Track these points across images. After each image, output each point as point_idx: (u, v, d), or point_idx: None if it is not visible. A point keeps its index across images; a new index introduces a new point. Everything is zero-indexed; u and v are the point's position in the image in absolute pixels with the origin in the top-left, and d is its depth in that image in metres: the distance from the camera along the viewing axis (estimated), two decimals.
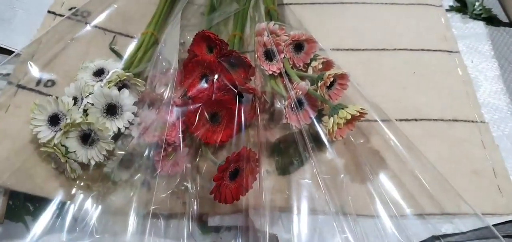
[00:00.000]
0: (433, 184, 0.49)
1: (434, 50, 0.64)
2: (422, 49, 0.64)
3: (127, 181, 0.51)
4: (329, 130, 0.49)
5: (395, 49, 0.64)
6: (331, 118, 0.49)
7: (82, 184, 0.51)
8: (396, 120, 0.56)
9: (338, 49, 0.65)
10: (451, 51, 0.64)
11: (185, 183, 0.51)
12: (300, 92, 0.51)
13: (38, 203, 0.51)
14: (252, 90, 0.52)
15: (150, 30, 0.64)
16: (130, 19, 0.68)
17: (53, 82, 0.58)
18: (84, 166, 0.51)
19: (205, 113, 0.51)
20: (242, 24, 0.65)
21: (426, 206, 0.48)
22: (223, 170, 0.45)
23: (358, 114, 0.49)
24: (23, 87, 0.57)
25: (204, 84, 0.53)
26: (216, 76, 0.52)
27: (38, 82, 0.58)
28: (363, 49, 0.65)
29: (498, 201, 0.49)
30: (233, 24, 0.66)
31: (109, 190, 0.51)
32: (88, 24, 0.66)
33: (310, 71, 0.56)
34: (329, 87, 0.53)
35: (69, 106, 0.50)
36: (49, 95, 0.56)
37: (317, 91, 0.52)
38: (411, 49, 0.64)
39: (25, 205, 0.51)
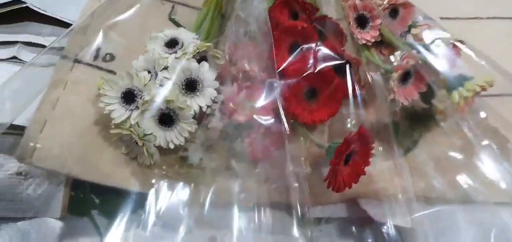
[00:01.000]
0: None
1: None
2: None
3: (212, 169, 0.44)
4: (458, 102, 0.42)
5: (488, 18, 0.57)
6: (455, 92, 0.42)
7: (159, 171, 0.44)
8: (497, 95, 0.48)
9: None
10: None
11: (277, 170, 0.44)
12: (412, 62, 0.44)
13: (105, 194, 0.44)
14: (356, 61, 0.45)
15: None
16: None
17: (112, 56, 0.51)
18: (161, 151, 0.44)
19: (302, 89, 0.44)
20: None
21: None
22: (341, 153, 0.38)
23: (488, 87, 0.42)
24: (79, 62, 0.49)
25: (295, 55, 0.46)
26: (313, 45, 0.45)
27: (96, 56, 0.50)
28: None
29: None
30: None
31: (191, 177, 0.44)
32: None
33: (409, 39, 0.49)
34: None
35: (146, 81, 0.42)
36: (110, 70, 0.49)
37: None
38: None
39: (90, 197, 0.44)
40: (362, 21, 0.50)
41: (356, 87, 0.44)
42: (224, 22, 0.56)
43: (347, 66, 0.43)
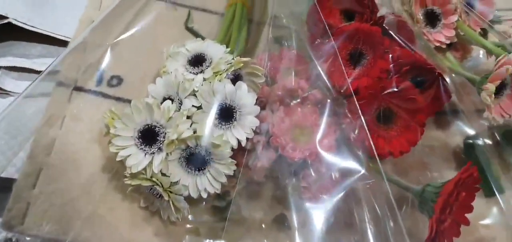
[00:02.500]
0: None
1: None
2: None
3: (257, 220, 0.34)
4: None
5: None
6: None
7: (188, 227, 0.34)
8: None
9: None
10: None
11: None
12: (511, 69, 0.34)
13: None
14: (439, 73, 0.34)
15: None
16: None
17: (119, 80, 0.40)
18: (191, 201, 0.33)
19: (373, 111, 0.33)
20: None
21: None
22: (448, 206, 0.27)
23: None
24: (79, 89, 0.38)
25: (359, 68, 0.35)
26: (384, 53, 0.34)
27: (100, 80, 0.39)
28: None
29: None
30: None
31: (231, 234, 0.33)
32: None
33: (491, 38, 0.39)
34: None
35: (171, 113, 0.32)
36: (119, 98, 0.38)
37: None
38: None
39: None
40: (432, 18, 0.39)
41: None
42: (252, 28, 0.45)
43: (440, 79, 0.32)
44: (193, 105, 0.34)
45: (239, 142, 0.34)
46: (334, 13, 0.39)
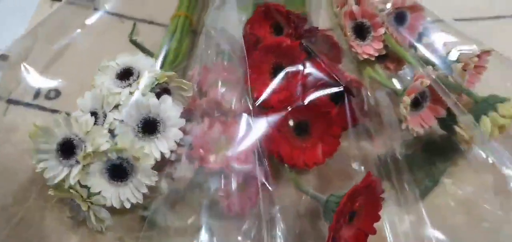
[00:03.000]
0: None
1: None
2: None
3: (180, 228, 0.35)
4: (487, 131, 0.32)
5: None
6: (485, 117, 0.33)
7: (114, 237, 0.35)
8: None
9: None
10: None
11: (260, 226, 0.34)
12: (427, 83, 0.35)
13: None
14: (357, 84, 0.35)
15: (182, 12, 0.47)
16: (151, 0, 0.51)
17: (57, 93, 0.41)
18: (115, 211, 0.34)
19: (289, 124, 0.34)
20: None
21: None
22: (342, 215, 0.28)
23: None
24: (17, 102, 0.40)
25: (279, 81, 0.36)
26: (300, 67, 0.35)
27: (37, 93, 0.41)
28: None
29: None
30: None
31: None
32: (97, 10, 0.48)
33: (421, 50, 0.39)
34: None
35: (88, 127, 0.33)
36: (55, 111, 0.39)
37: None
38: None
39: None
40: (361, 31, 0.40)
41: (358, 116, 0.34)
42: (197, 40, 0.47)
43: (343, 94, 0.33)
44: (115, 119, 0.35)
45: (162, 154, 0.35)
46: (264, 27, 0.40)
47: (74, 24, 0.46)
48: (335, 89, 0.33)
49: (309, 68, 0.34)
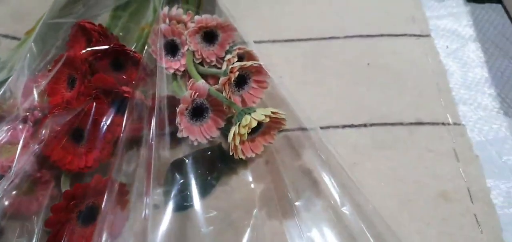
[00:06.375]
0: (373, 223, 0.33)
1: (397, 35, 0.49)
2: (381, 35, 0.49)
3: None
4: (230, 143, 0.34)
5: (346, 36, 0.49)
6: (233, 128, 0.34)
7: None
8: (339, 127, 0.41)
9: (274, 41, 0.50)
10: (420, 35, 0.50)
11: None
12: (197, 94, 0.37)
13: None
14: (127, 94, 0.37)
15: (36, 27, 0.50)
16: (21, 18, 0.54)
17: None
18: None
19: (65, 129, 0.36)
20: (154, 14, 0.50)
21: None
22: (62, 210, 0.30)
23: (269, 120, 0.34)
24: None
25: (69, 90, 0.39)
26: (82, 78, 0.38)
27: None
28: (305, 39, 0.50)
29: (475, 238, 0.34)
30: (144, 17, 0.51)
31: None
32: None
33: (224, 67, 0.41)
34: (239, 86, 0.39)
35: None
36: None
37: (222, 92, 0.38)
38: (367, 36, 0.49)
39: None
40: (172, 48, 0.43)
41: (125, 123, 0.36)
42: None
43: (94, 103, 0.35)
44: None
45: None
46: (80, 41, 0.43)
47: None
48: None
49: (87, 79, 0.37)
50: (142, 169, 0.37)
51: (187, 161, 0.37)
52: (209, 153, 0.39)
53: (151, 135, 0.37)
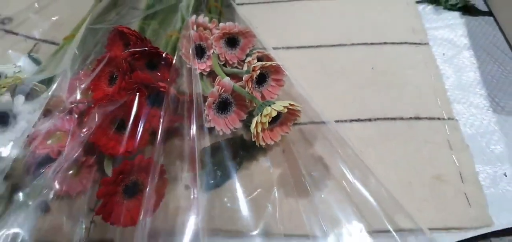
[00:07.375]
0: (379, 198, 0.39)
1: (398, 43, 0.55)
2: (384, 43, 0.55)
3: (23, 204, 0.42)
4: (252, 131, 0.40)
5: (352, 44, 0.55)
6: (255, 118, 0.40)
7: None
8: (347, 121, 0.46)
9: (288, 48, 0.56)
10: (419, 44, 0.55)
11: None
12: (223, 90, 0.42)
13: None
14: (163, 89, 0.43)
15: (75, 33, 0.56)
16: (59, 25, 0.61)
17: None
18: None
19: (108, 119, 0.42)
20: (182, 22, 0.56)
21: (374, 223, 0.38)
22: (110, 183, 0.36)
23: (287, 111, 0.40)
24: None
25: (110, 86, 0.45)
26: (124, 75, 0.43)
27: None
28: (316, 46, 0.55)
29: (465, 213, 0.39)
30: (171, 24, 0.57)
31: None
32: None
33: (245, 68, 0.47)
34: (259, 83, 0.44)
35: None
36: None
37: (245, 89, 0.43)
38: (371, 43, 0.55)
39: None
40: (200, 52, 0.48)
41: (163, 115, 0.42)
42: None
43: (137, 95, 0.41)
44: None
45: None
46: (118, 44, 0.49)
47: None
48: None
49: (128, 76, 0.42)
50: (175, 155, 0.43)
51: (221, 144, 0.42)
52: (232, 142, 0.44)
53: (194, 126, 0.43)
